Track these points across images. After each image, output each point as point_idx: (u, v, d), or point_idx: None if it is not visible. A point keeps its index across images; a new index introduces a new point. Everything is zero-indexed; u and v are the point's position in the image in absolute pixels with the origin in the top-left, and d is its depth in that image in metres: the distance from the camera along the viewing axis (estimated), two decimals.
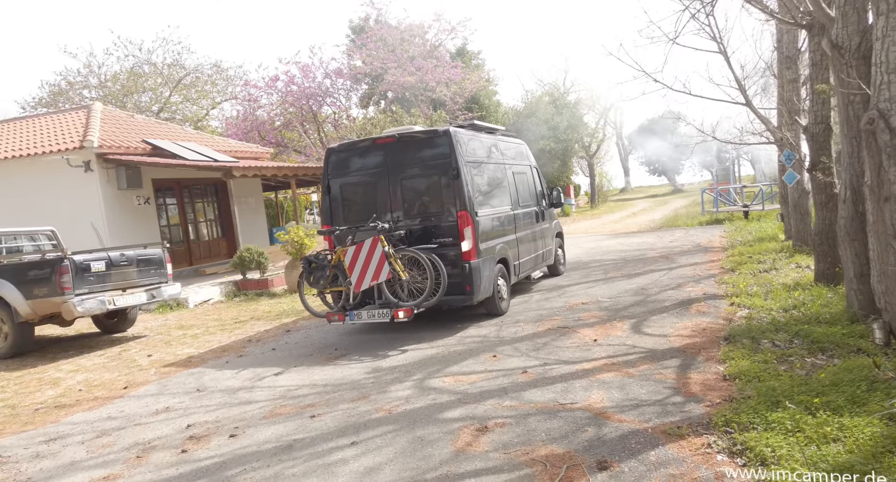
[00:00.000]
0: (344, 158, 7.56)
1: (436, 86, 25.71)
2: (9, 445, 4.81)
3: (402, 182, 7.18)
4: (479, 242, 7.05)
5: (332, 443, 4.09)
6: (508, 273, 7.90)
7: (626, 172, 63.12)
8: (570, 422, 3.97)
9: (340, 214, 7.52)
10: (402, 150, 7.19)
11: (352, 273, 6.64)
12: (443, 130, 7.08)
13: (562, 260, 10.81)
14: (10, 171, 12.99)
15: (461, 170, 6.91)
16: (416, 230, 7.13)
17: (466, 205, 6.91)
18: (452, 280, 6.79)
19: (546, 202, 9.98)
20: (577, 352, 5.65)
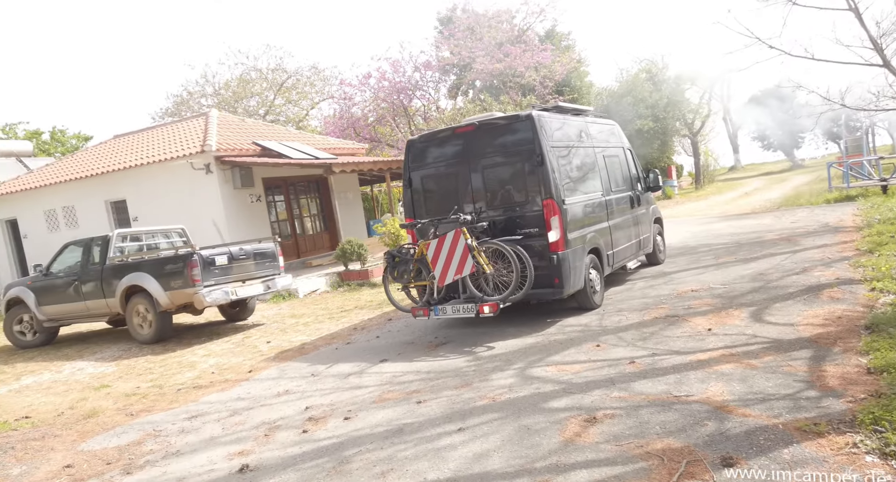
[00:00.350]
0: (424, 150, 7.37)
1: (524, 71, 25.26)
2: (159, 421, 5.42)
3: (483, 171, 6.91)
4: (568, 232, 6.68)
5: (440, 429, 4.18)
6: (601, 263, 7.46)
7: (736, 149, 58.35)
8: (687, 416, 3.75)
9: (422, 207, 7.35)
10: (483, 139, 6.91)
11: (435, 267, 6.49)
12: (525, 115, 6.69)
13: (661, 247, 10.05)
14: (145, 176, 14.55)
15: (545, 155, 6.54)
16: (499, 221, 6.84)
17: (552, 192, 6.53)
18: (540, 272, 6.50)
19: (642, 186, 9.35)
20: (690, 342, 5.32)
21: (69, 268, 9.76)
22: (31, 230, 16.73)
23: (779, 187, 26.87)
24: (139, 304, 8.98)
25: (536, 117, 6.66)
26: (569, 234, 6.70)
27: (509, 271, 6.39)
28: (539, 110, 7.04)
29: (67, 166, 17.06)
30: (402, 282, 6.89)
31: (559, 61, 26.18)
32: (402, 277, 6.84)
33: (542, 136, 6.58)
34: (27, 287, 9.99)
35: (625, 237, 8.32)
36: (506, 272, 6.47)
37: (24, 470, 4.56)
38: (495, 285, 6.53)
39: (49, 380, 7.64)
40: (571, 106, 8.12)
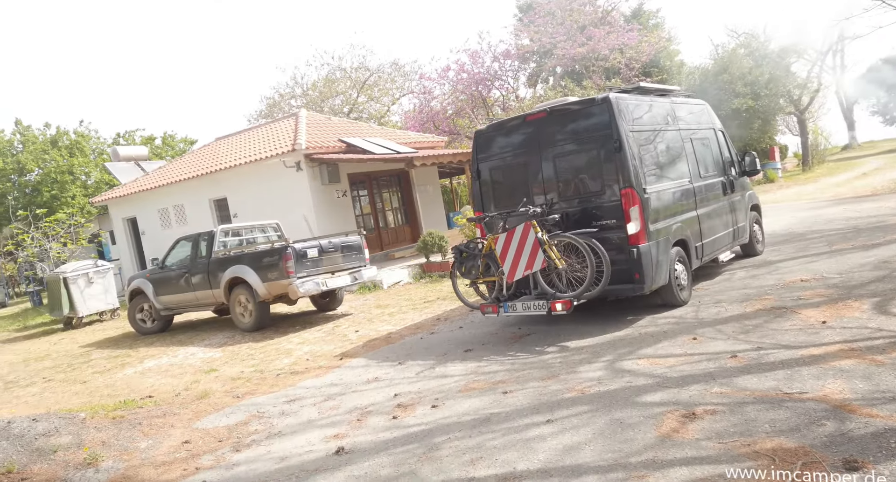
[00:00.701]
0: (492, 139, 7.07)
1: (609, 53, 24.27)
2: (262, 403, 5.79)
3: (556, 160, 6.50)
4: (649, 223, 6.17)
5: (528, 420, 4.13)
6: (688, 256, 6.89)
7: (851, 126, 52.67)
8: (801, 414, 3.44)
9: (491, 199, 7.06)
10: (556, 126, 6.52)
11: (504, 262, 6.18)
12: (601, 98, 6.24)
13: (759, 237, 9.16)
14: (243, 175, 15.56)
15: (624, 141, 6.06)
16: (573, 213, 6.42)
17: (632, 180, 6.04)
18: (618, 267, 6.03)
19: (736, 170, 8.60)
20: (801, 336, 4.88)
21: (181, 261, 10.66)
22: (147, 227, 18.46)
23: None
24: (241, 295, 9.63)
25: (614, 100, 6.20)
26: (650, 226, 6.20)
27: (584, 266, 5.97)
28: (617, 92, 6.63)
29: (176, 168, 18.63)
30: (469, 277, 6.64)
31: (646, 41, 24.90)
32: (470, 273, 6.60)
33: (619, 120, 6.13)
34: (146, 279, 11.04)
35: (716, 227, 7.64)
36: (580, 267, 6.04)
37: (150, 443, 5.05)
38: (569, 281, 6.12)
39: (167, 364, 8.40)
40: (655, 86, 7.51)
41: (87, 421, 5.42)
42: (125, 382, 7.59)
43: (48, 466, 4.67)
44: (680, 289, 6.66)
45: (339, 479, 3.73)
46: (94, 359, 9.49)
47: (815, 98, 33.26)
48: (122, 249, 19.74)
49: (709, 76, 27.80)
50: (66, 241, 19.40)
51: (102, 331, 12.58)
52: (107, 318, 14.08)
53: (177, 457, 4.69)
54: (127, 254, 19.57)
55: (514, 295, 6.53)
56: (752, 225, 8.90)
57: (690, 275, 6.92)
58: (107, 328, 12.86)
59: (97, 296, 13.73)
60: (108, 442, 5.05)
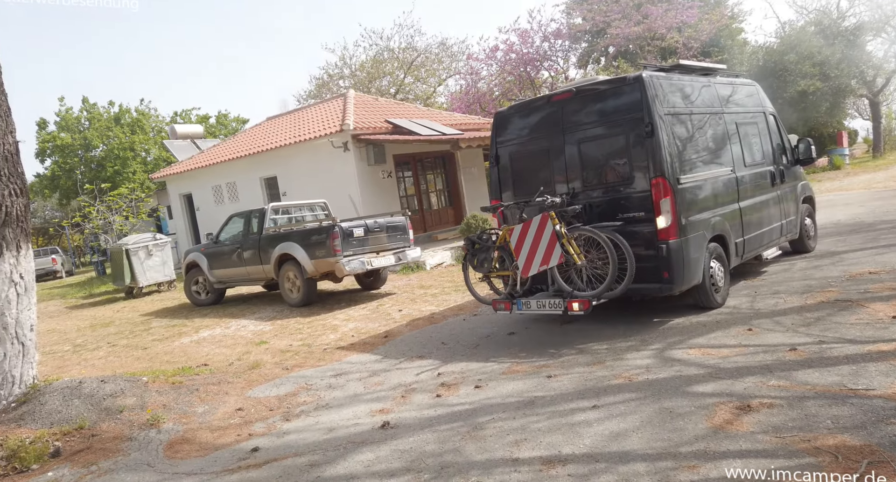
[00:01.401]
0: (514, 122, 6.56)
1: (666, 32, 23.25)
2: (310, 375, 5.97)
3: (581, 146, 5.98)
4: (682, 216, 5.60)
5: (573, 404, 4.09)
6: (727, 254, 6.26)
7: None
8: (867, 411, 3.26)
9: (510, 186, 6.56)
10: (583, 107, 5.97)
11: (518, 255, 5.69)
12: (633, 77, 5.66)
13: (811, 232, 8.38)
14: (292, 154, 15.88)
15: (657, 125, 5.48)
16: (598, 204, 5.89)
17: (664, 169, 5.47)
18: (646, 264, 5.51)
19: (788, 159, 7.88)
20: (868, 330, 4.61)
21: (233, 237, 11.03)
22: (202, 203, 19.17)
23: None
24: (290, 271, 9.90)
25: (647, 79, 5.61)
26: (683, 219, 5.62)
27: (605, 263, 5.43)
28: (653, 71, 6.00)
29: (230, 147, 19.19)
30: (482, 271, 6.18)
31: (707, 19, 23.70)
32: (483, 266, 6.12)
33: (653, 101, 5.54)
34: (201, 253, 11.49)
35: (761, 221, 6.97)
36: (601, 264, 5.51)
37: (206, 409, 5.30)
38: (589, 279, 5.59)
39: (220, 335, 8.76)
40: (697, 64, 6.87)
41: (149, 384, 5.72)
42: (182, 350, 7.96)
43: (115, 425, 4.97)
44: (715, 290, 6.07)
45: (385, 452, 3.80)
46: (153, 328, 10.00)
47: (891, 79, 30.98)
48: (178, 224, 20.60)
49: (775, 56, 26.32)
50: (127, 215, 20.41)
51: (161, 301, 13.22)
52: (164, 289, 14.78)
53: (231, 422, 4.90)
54: (182, 228, 20.42)
55: (529, 291, 6.06)
56: (803, 219, 8.17)
57: (728, 275, 6.30)
58: (164, 298, 13.51)
59: (156, 268, 14.42)
60: (169, 405, 5.33)
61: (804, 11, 30.57)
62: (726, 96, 7.01)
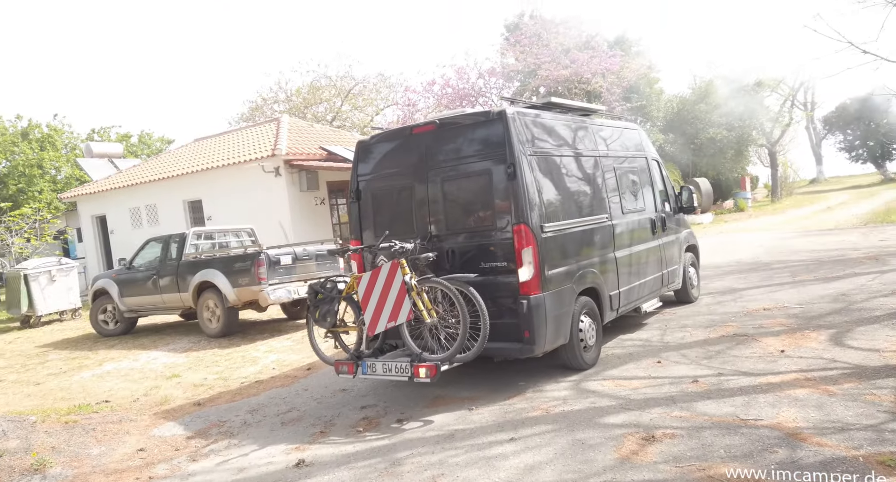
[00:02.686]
0: (377, 153, 5.90)
1: (591, 77, 24.80)
2: (224, 411, 5.69)
3: (444, 184, 5.37)
4: (547, 268, 5.07)
5: (492, 437, 4.15)
6: (600, 308, 5.79)
7: (819, 161, 54.65)
8: (755, 441, 3.53)
9: (371, 226, 5.84)
10: (446, 142, 5.41)
11: (365, 309, 4.98)
12: (496, 113, 5.14)
13: (694, 281, 8.17)
14: (220, 177, 15.37)
15: (519, 166, 4.97)
16: (463, 251, 5.28)
17: (526, 215, 4.94)
18: (505, 320, 4.98)
19: (672, 206, 7.69)
20: (760, 364, 5.02)
21: (149, 262, 10.44)
22: (117, 226, 18.05)
23: (867, 202, 24.94)
24: (209, 300, 9.46)
25: (511, 116, 5.12)
26: (548, 271, 5.08)
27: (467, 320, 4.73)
28: (519, 107, 5.55)
29: (152, 167, 18.30)
30: (324, 326, 5.39)
31: (628, 67, 25.52)
32: (325, 319, 5.34)
33: (517, 140, 5.05)
34: (112, 279, 10.76)
35: (640, 271, 6.62)
36: (456, 321, 4.87)
37: (102, 450, 4.90)
38: (448, 338, 4.92)
39: (127, 368, 8.18)
40: (571, 103, 6.47)
41: (37, 425, 5.23)
42: (81, 386, 7.36)
43: None
44: (585, 348, 5.54)
45: None
46: (50, 361, 9.19)
47: (785, 132, 34.49)
48: (89, 248, 19.23)
49: (687, 105, 28.62)
50: (29, 237, 18.81)
51: (62, 331, 12.18)
52: (67, 318, 13.65)
53: (130, 465, 4.56)
54: (94, 252, 19.07)
55: (380, 349, 5.34)
56: (686, 268, 7.92)
57: (601, 331, 5.82)
58: (66, 328, 12.46)
59: (59, 295, 13.30)
60: (59, 447, 4.89)
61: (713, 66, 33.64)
62: (605, 139, 6.64)
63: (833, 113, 49.36)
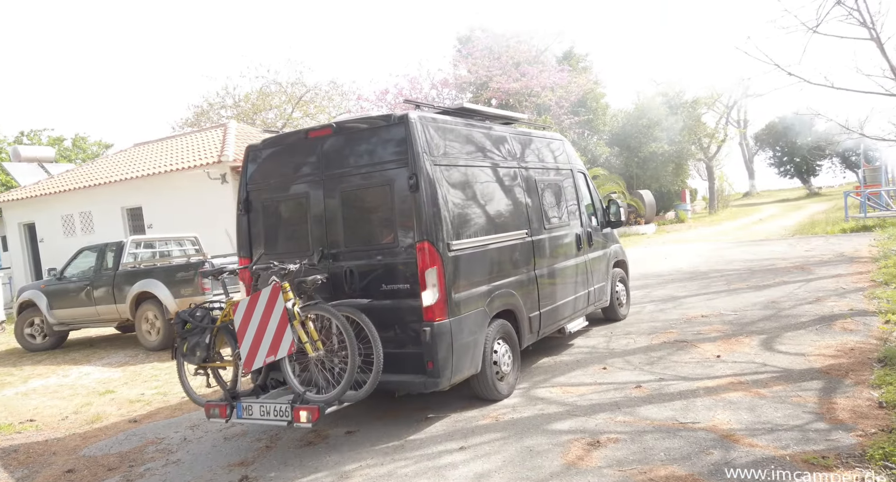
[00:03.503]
0: (270, 159, 5.28)
1: (541, 91, 25.47)
2: (162, 428, 5.43)
3: (342, 196, 4.82)
4: (454, 291, 4.56)
5: (442, 447, 4.15)
6: (518, 332, 5.35)
7: (751, 175, 58.05)
8: (693, 443, 3.69)
9: (262, 243, 5.22)
10: (345, 148, 4.86)
11: (242, 340, 4.34)
12: (398, 117, 4.62)
13: (623, 298, 7.84)
14: (162, 184, 14.78)
15: (423, 177, 4.45)
16: (361, 271, 4.70)
17: (430, 232, 4.42)
18: (408, 351, 4.48)
19: (599, 220, 7.40)
20: (698, 369, 5.25)
21: (82, 272, 9.89)
22: (47, 234, 17.01)
23: (794, 215, 26.64)
24: (148, 311, 9.05)
25: (415, 121, 4.60)
26: (456, 294, 4.58)
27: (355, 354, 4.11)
28: (427, 112, 5.06)
29: (87, 173, 17.39)
30: (192, 361, 4.71)
31: (575, 82, 26.38)
32: (195, 354, 4.67)
33: (420, 148, 4.52)
34: (40, 290, 10.12)
35: (564, 291, 6.23)
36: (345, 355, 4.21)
37: (25, 473, 4.58)
38: (341, 372, 4.24)
39: (55, 384, 7.69)
40: (489, 110, 5.98)
41: None
42: (3, 404, 6.86)
43: None
44: (499, 377, 5.03)
45: None
46: None
47: (721, 147, 36.45)
48: (15, 257, 18.02)
49: (631, 119, 29.79)
50: None
51: None
52: None
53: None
54: (21, 262, 17.88)
55: (263, 387, 4.66)
56: (614, 285, 7.59)
57: (517, 358, 5.34)
58: None
59: None
60: None
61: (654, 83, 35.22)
62: (527, 149, 6.22)
63: (763, 130, 52.60)
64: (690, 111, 31.39)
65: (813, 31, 6.95)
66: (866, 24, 7.17)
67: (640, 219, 25.59)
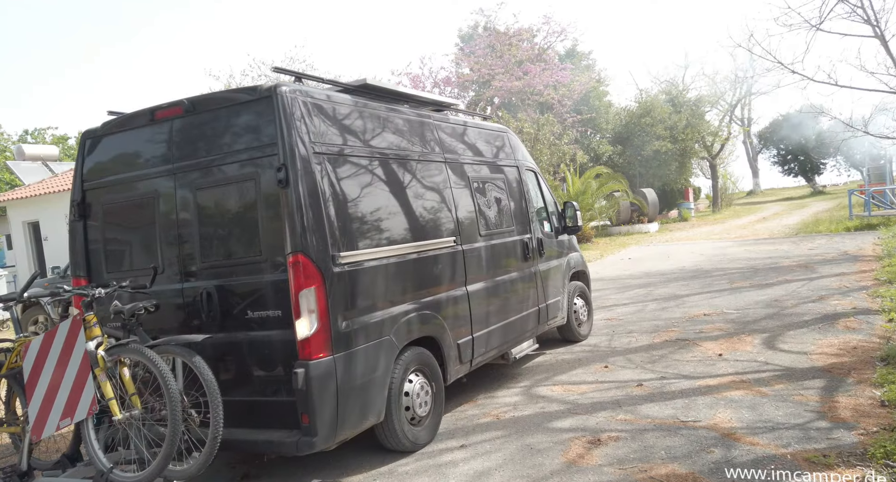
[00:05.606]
0: (109, 149, 4.24)
1: (543, 89, 25.44)
2: None
3: (197, 194, 3.80)
4: (345, 317, 3.56)
5: (442, 445, 4.15)
6: (442, 363, 4.37)
7: (755, 173, 57.85)
8: (694, 442, 3.69)
9: (103, 256, 4.18)
10: (201, 132, 3.86)
11: (31, 396, 3.40)
12: (265, 89, 3.61)
13: (584, 316, 6.79)
14: None
15: (296, 168, 3.43)
16: (221, 293, 3.67)
17: (305, 240, 3.40)
18: (279, 399, 3.51)
19: (554, 226, 6.42)
20: (699, 367, 5.24)
21: None
22: (52, 233, 17.08)
23: (798, 213, 26.54)
24: None
25: (286, 96, 3.55)
26: (346, 322, 3.56)
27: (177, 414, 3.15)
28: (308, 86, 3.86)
29: None
30: None
31: (578, 80, 26.34)
32: None
33: (294, 132, 3.49)
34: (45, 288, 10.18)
35: (505, 309, 5.24)
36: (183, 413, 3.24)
37: None
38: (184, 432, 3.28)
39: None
40: (405, 91, 4.89)
41: None
42: None
43: None
44: (414, 422, 4.06)
45: None
46: None
47: (724, 145, 36.31)
48: (20, 256, 18.12)
49: (634, 117, 29.72)
50: None
51: None
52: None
53: None
54: (25, 261, 17.98)
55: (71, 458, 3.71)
56: (572, 300, 6.54)
57: (442, 394, 4.36)
58: None
59: None
60: None
61: (657, 81, 35.13)
62: (457, 141, 5.14)
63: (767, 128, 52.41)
64: (694, 109, 31.28)
65: (816, 28, 6.94)
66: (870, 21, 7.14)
67: (643, 217, 25.53)
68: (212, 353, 3.58)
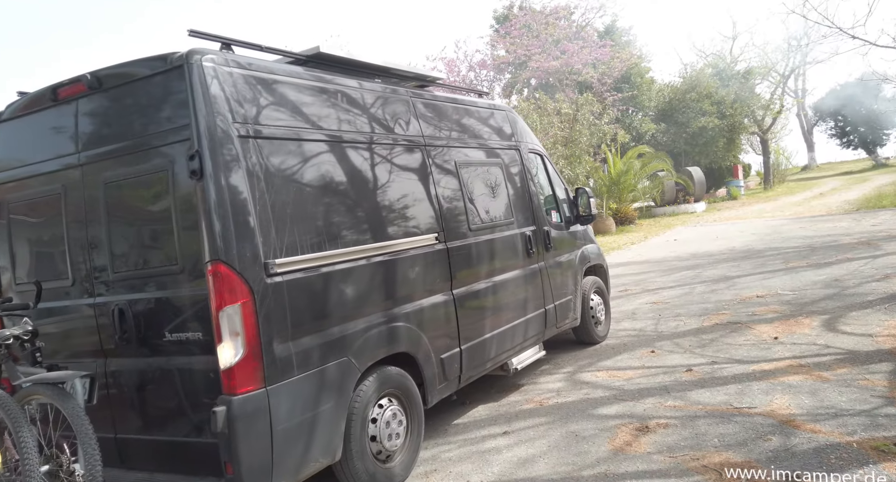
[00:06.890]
0: (13, 137, 3.62)
1: (582, 68, 24.75)
2: None
3: (106, 189, 3.16)
4: (285, 337, 2.92)
5: (485, 431, 4.12)
6: (422, 383, 3.76)
7: (811, 147, 54.87)
8: (749, 429, 3.52)
9: (9, 264, 3.60)
10: (108, 113, 3.24)
11: None
12: (175, 59, 2.89)
13: (601, 315, 6.06)
14: None
15: (213, 155, 2.79)
16: (136, 310, 3.07)
17: (227, 246, 2.76)
18: (200, 441, 2.90)
19: (564, 216, 5.72)
20: (753, 351, 5.01)
21: None
22: None
23: (858, 188, 25.06)
24: None
25: (199, 67, 2.85)
26: (285, 344, 2.91)
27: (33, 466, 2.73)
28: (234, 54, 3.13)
29: None
30: None
31: (618, 57, 25.49)
32: None
33: (210, 110, 2.83)
34: None
35: (503, 314, 4.58)
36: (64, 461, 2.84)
37: None
38: None
39: None
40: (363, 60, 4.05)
41: None
42: None
43: None
44: (382, 459, 3.42)
45: None
46: None
47: (777, 119, 34.52)
48: None
49: (678, 93, 28.59)
50: None
51: None
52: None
53: None
54: None
55: None
56: (587, 298, 5.84)
57: (420, 422, 3.71)
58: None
59: None
60: None
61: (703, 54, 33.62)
62: (440, 120, 4.47)
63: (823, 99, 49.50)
64: (743, 82, 29.82)
65: None
66: None
67: (689, 197, 24.66)
68: (127, 382, 3.09)
